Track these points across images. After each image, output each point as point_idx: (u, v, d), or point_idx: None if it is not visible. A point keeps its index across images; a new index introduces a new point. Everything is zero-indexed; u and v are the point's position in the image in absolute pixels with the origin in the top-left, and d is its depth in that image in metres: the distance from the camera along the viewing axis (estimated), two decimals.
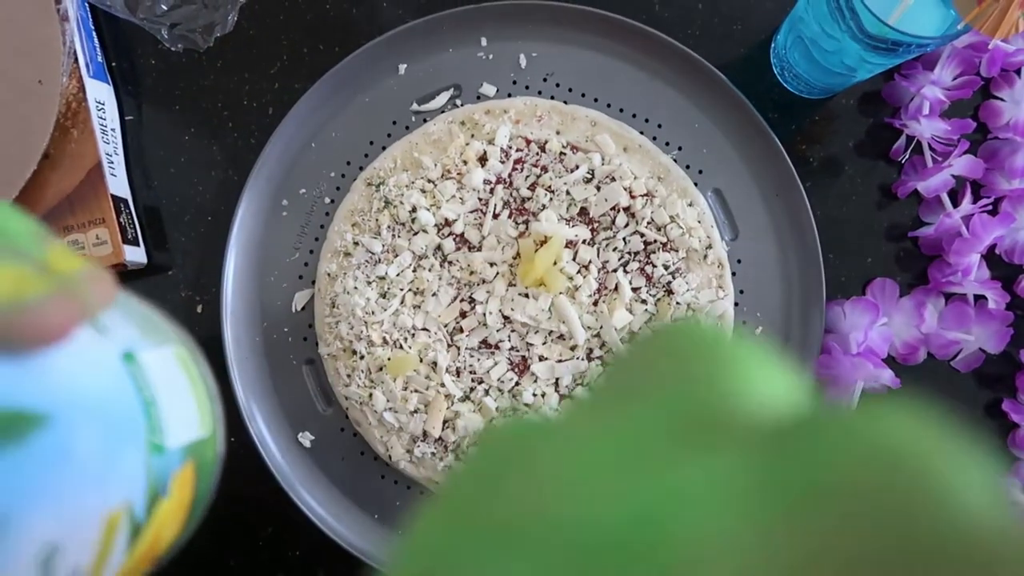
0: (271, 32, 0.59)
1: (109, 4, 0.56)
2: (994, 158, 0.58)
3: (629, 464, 0.14)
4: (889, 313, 0.57)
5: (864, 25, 0.44)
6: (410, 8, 0.59)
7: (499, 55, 0.58)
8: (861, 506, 0.12)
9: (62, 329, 0.19)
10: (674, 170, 0.57)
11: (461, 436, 0.54)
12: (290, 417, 0.57)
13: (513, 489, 0.15)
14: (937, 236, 0.57)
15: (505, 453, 0.16)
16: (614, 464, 0.14)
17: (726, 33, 0.60)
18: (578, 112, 0.57)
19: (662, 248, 0.56)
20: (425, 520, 0.16)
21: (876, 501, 0.12)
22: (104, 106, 0.56)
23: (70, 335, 0.19)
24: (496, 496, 0.15)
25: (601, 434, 0.15)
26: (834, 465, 0.13)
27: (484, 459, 0.16)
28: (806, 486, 0.13)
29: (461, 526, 0.15)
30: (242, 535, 0.58)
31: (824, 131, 0.59)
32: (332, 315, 0.56)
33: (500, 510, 0.14)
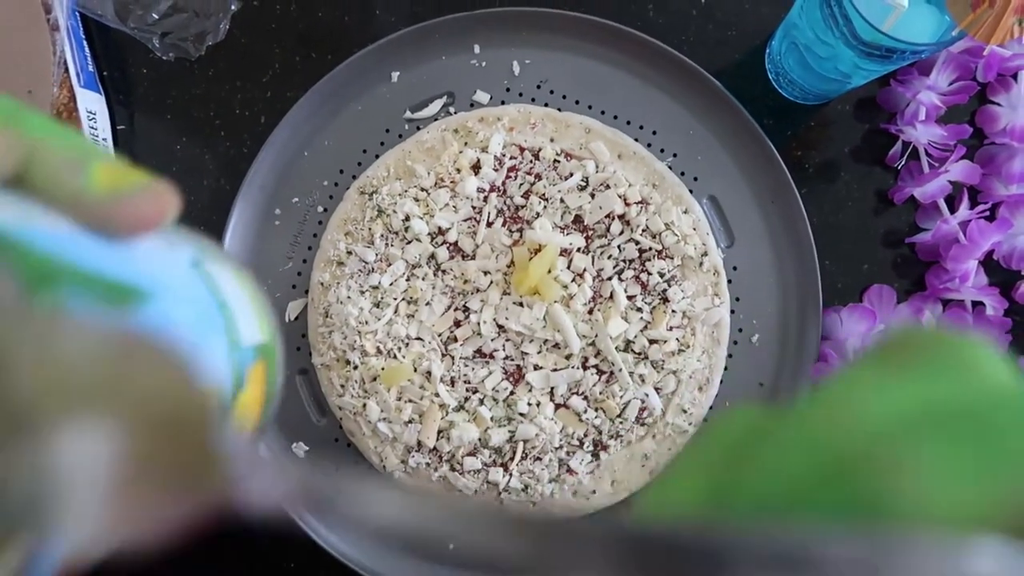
0: (263, 40, 0.59)
1: (100, 14, 0.56)
2: (991, 163, 0.57)
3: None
4: (886, 320, 0.57)
5: (858, 32, 0.44)
6: (403, 16, 0.59)
7: (492, 62, 0.57)
8: None
9: (152, 221, 0.21)
10: (669, 177, 0.56)
11: (455, 446, 0.54)
12: (284, 428, 0.56)
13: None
14: (934, 242, 0.57)
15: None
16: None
17: (721, 39, 0.59)
18: (572, 119, 0.57)
19: (657, 256, 0.55)
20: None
21: None
22: (95, 116, 0.56)
23: (156, 228, 0.21)
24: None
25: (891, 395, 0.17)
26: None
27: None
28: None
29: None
30: (237, 548, 0.58)
31: (820, 137, 0.59)
32: (325, 325, 0.55)
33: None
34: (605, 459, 0.55)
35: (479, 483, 0.54)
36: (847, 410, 0.18)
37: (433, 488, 0.55)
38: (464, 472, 0.54)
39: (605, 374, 0.54)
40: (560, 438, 0.54)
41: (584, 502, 0.55)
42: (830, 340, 0.56)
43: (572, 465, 0.54)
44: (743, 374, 0.57)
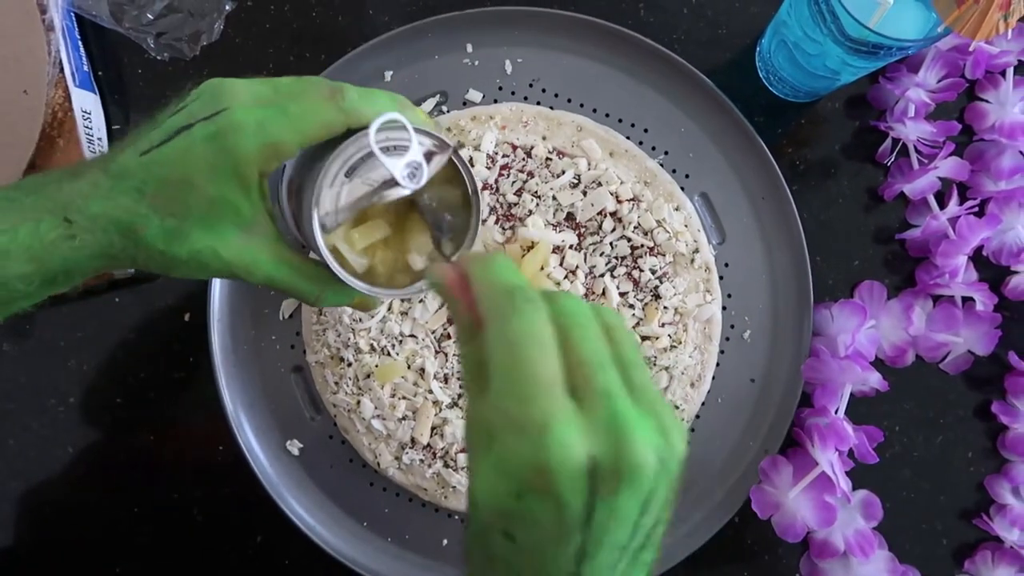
0: (257, 40, 0.59)
1: (95, 14, 0.56)
2: (980, 160, 0.58)
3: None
4: (877, 316, 0.57)
5: (845, 28, 0.44)
6: (396, 15, 0.59)
7: (485, 61, 0.58)
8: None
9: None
10: (660, 175, 0.57)
11: (449, 443, 0.54)
12: (278, 425, 0.57)
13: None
14: (924, 238, 0.57)
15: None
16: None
17: (711, 38, 0.60)
18: (564, 117, 0.57)
19: (649, 252, 0.56)
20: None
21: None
22: (90, 115, 0.56)
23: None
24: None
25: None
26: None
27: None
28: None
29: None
30: (231, 544, 0.58)
31: (810, 134, 0.59)
32: (319, 323, 0.56)
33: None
34: None
35: None
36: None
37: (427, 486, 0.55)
38: (458, 468, 0.55)
39: None
40: None
41: None
42: (821, 336, 0.57)
43: None
44: (735, 370, 0.57)
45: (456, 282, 0.30)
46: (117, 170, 0.34)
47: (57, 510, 0.58)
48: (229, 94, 0.34)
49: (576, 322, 0.28)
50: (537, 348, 0.26)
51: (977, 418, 0.58)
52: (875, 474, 0.56)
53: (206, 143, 0.33)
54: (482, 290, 0.29)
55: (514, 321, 0.27)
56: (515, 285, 0.28)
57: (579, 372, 0.26)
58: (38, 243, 0.33)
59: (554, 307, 0.28)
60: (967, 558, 0.57)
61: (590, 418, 0.26)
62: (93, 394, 0.58)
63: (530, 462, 0.25)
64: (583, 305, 0.29)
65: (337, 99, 0.34)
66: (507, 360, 0.26)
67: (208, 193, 0.34)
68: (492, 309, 0.28)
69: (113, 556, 0.58)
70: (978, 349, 0.57)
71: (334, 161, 0.35)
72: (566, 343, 0.27)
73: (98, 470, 0.58)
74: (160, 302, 0.58)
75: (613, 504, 0.26)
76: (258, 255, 0.36)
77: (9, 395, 0.58)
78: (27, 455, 0.58)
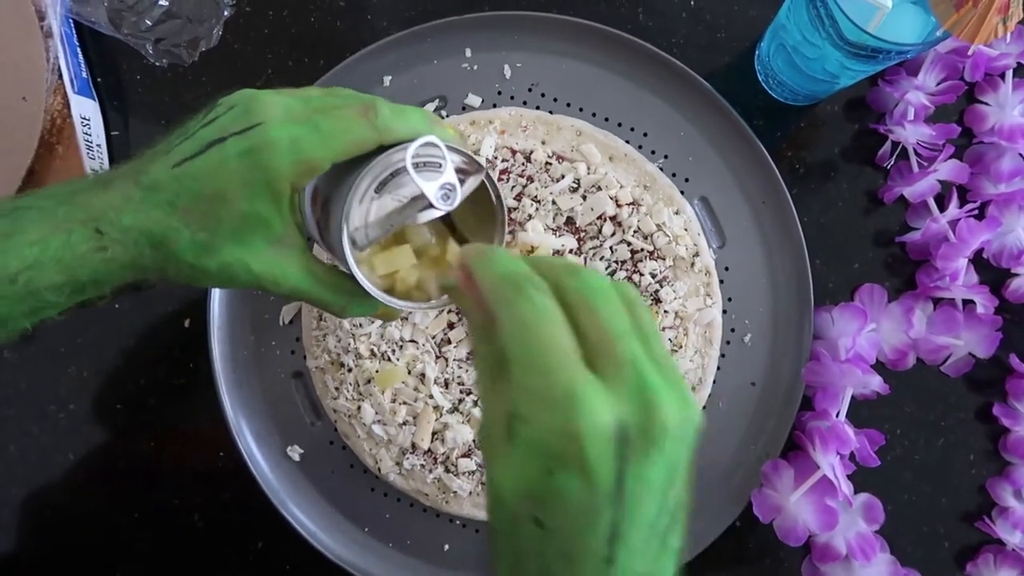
0: (256, 46, 0.59)
1: (93, 20, 0.56)
2: (980, 162, 0.58)
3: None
4: (877, 319, 0.57)
5: (844, 32, 0.44)
6: (395, 20, 0.59)
7: (484, 66, 0.58)
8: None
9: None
10: (660, 178, 0.57)
11: (450, 448, 0.54)
12: (279, 431, 0.57)
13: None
14: (924, 241, 0.57)
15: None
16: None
17: (710, 42, 0.60)
18: (563, 122, 0.57)
19: (649, 257, 0.56)
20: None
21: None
22: (89, 122, 0.56)
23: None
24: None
25: None
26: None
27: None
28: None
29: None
30: (233, 550, 0.58)
31: (810, 137, 0.59)
32: (320, 328, 0.56)
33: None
34: None
35: (474, 484, 0.55)
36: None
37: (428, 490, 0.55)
38: (459, 473, 0.55)
39: None
40: None
41: None
42: (822, 339, 0.57)
43: None
44: (735, 374, 0.57)
45: (463, 280, 0.30)
46: (149, 182, 0.34)
47: (58, 516, 0.58)
48: (262, 108, 0.34)
49: (599, 295, 0.28)
50: (549, 323, 0.27)
51: (978, 421, 0.58)
52: (876, 477, 0.56)
53: (239, 159, 0.33)
54: (485, 283, 0.29)
55: (522, 303, 0.27)
56: (515, 271, 0.29)
57: (601, 342, 0.27)
58: (69, 254, 0.33)
59: (576, 281, 0.28)
60: (969, 561, 0.57)
61: (615, 385, 0.26)
62: (93, 400, 0.58)
63: (560, 431, 0.25)
64: (605, 280, 0.29)
65: (370, 116, 0.35)
66: (522, 340, 0.27)
67: (240, 208, 0.34)
68: (498, 298, 0.28)
69: (114, 562, 0.58)
70: (979, 352, 0.57)
71: (364, 178, 0.35)
72: (589, 315, 0.27)
73: (99, 476, 0.58)
74: (160, 308, 0.58)
75: (642, 471, 0.26)
76: (287, 268, 0.37)
77: (10, 401, 0.58)
78: (28, 461, 0.58)
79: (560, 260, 0.30)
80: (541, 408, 0.26)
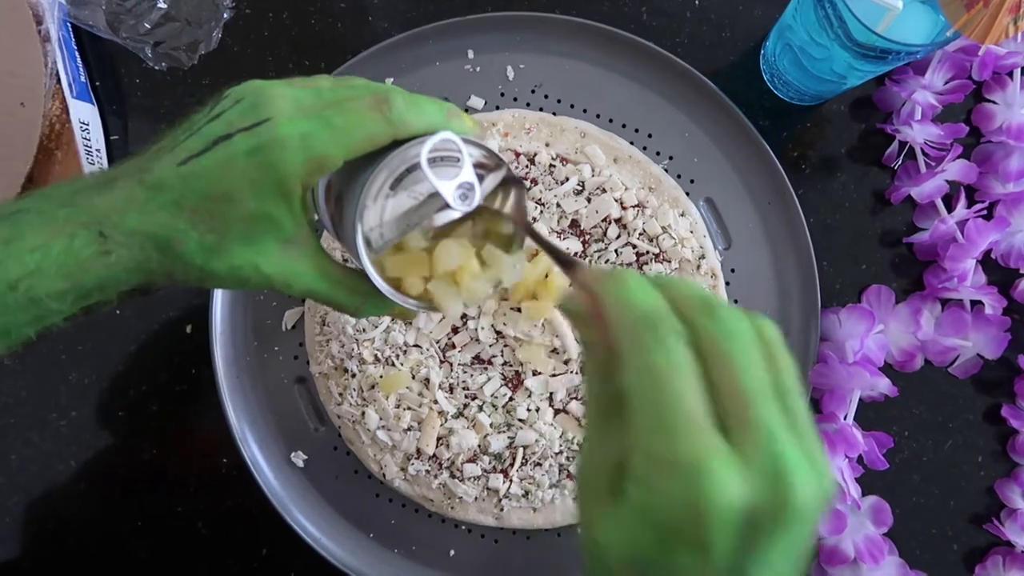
0: (256, 48, 0.59)
1: (91, 24, 0.55)
2: (987, 162, 0.57)
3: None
4: (885, 320, 0.57)
5: (852, 33, 0.44)
6: (396, 22, 0.59)
7: (486, 67, 0.57)
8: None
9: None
10: (665, 180, 0.56)
11: (455, 453, 0.54)
12: (282, 437, 0.56)
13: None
14: (932, 242, 0.56)
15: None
16: None
17: (715, 41, 0.59)
18: (567, 123, 0.56)
19: (655, 259, 0.55)
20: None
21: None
22: (88, 126, 0.56)
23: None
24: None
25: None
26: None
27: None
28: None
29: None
30: (237, 557, 0.57)
31: (816, 137, 0.59)
32: (323, 333, 0.55)
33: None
34: None
35: (479, 489, 0.54)
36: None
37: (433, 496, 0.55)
38: (464, 479, 0.54)
39: None
40: (560, 443, 0.54)
41: None
42: (829, 341, 0.56)
43: (572, 470, 0.54)
44: None
45: (591, 308, 0.27)
46: (153, 182, 0.33)
47: (60, 524, 0.58)
48: (271, 102, 0.32)
49: (737, 345, 0.25)
50: (682, 378, 0.24)
51: (987, 422, 0.58)
52: (884, 480, 0.56)
53: (248, 157, 0.32)
54: (618, 317, 0.26)
55: (656, 350, 0.25)
56: (655, 310, 0.26)
57: (735, 403, 0.24)
58: (72, 260, 0.32)
59: (714, 324, 0.26)
60: (978, 563, 0.57)
61: (746, 455, 0.24)
62: (95, 407, 0.57)
63: (682, 503, 0.23)
64: (744, 323, 0.26)
65: (384, 110, 0.33)
66: (651, 394, 0.24)
67: (249, 208, 0.33)
68: (630, 338, 0.26)
69: (117, 570, 0.57)
70: (987, 353, 0.56)
71: (378, 175, 0.33)
72: (724, 368, 0.25)
73: (101, 484, 0.58)
74: (161, 314, 0.58)
75: (766, 556, 0.24)
76: (298, 268, 0.35)
77: (11, 409, 0.57)
78: (29, 469, 0.57)
79: (696, 292, 0.27)
80: (663, 473, 0.24)
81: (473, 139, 0.35)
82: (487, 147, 0.35)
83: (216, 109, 0.33)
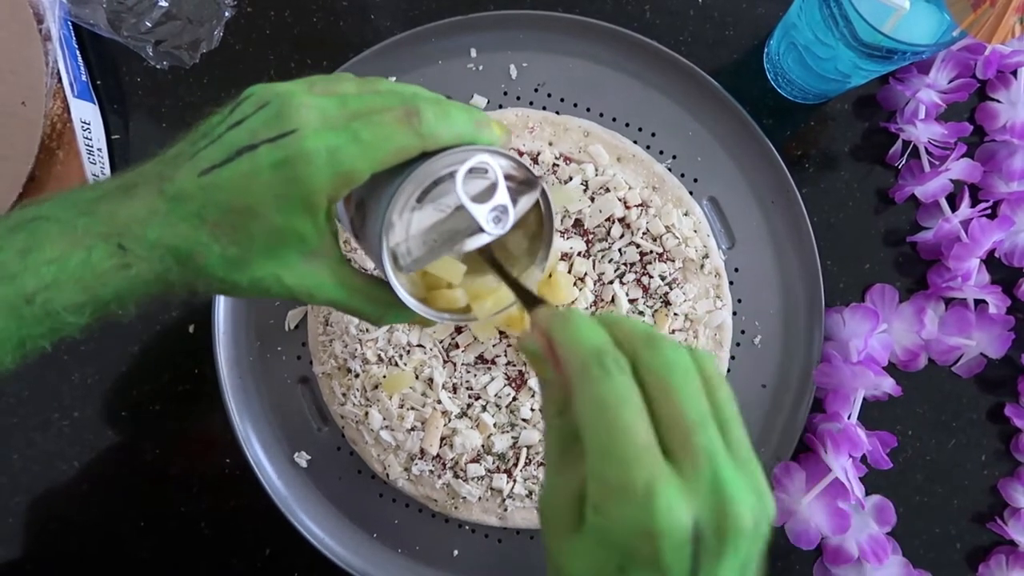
0: (258, 47, 0.58)
1: (92, 23, 0.55)
2: (991, 161, 0.57)
3: None
4: (889, 319, 0.57)
5: (858, 33, 0.44)
6: (398, 20, 0.58)
7: (489, 66, 0.57)
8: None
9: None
10: (669, 179, 0.56)
11: (459, 453, 0.54)
12: (286, 437, 0.56)
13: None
14: (936, 241, 0.56)
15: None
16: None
17: (718, 39, 0.59)
18: (570, 122, 0.56)
19: (658, 259, 0.55)
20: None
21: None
22: (90, 126, 0.55)
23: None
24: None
25: None
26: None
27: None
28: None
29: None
30: (240, 557, 0.57)
31: (819, 136, 0.59)
32: (326, 333, 0.55)
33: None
34: None
35: (483, 489, 0.54)
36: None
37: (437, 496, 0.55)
38: (468, 479, 0.54)
39: None
40: None
41: None
42: (833, 340, 0.56)
43: None
44: (746, 376, 0.56)
45: (545, 347, 0.29)
46: (175, 192, 0.32)
47: (62, 525, 0.58)
48: (295, 112, 0.31)
49: (677, 376, 0.27)
50: (630, 409, 0.26)
51: (990, 421, 0.58)
52: (888, 479, 0.56)
53: (273, 171, 0.31)
54: (567, 353, 0.28)
55: (603, 383, 0.26)
56: (601, 346, 0.27)
57: (676, 430, 0.26)
58: (90, 273, 0.31)
59: (656, 357, 0.27)
60: (981, 562, 0.57)
61: (690, 479, 0.25)
62: (98, 408, 0.57)
63: (636, 528, 0.25)
64: (683, 355, 0.28)
65: (414, 123, 0.32)
66: (602, 424, 0.26)
67: (274, 223, 0.32)
68: (579, 373, 0.27)
69: (119, 571, 0.57)
70: (991, 352, 0.56)
71: (404, 189, 0.32)
72: (667, 398, 0.26)
73: (103, 484, 0.58)
74: (164, 314, 0.57)
75: (715, 572, 0.26)
76: (322, 280, 0.35)
77: (13, 409, 0.57)
78: (31, 470, 0.57)
79: (639, 327, 0.29)
80: (618, 501, 0.25)
81: (503, 151, 0.34)
82: (516, 159, 0.34)
83: (236, 114, 0.32)
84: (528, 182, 0.34)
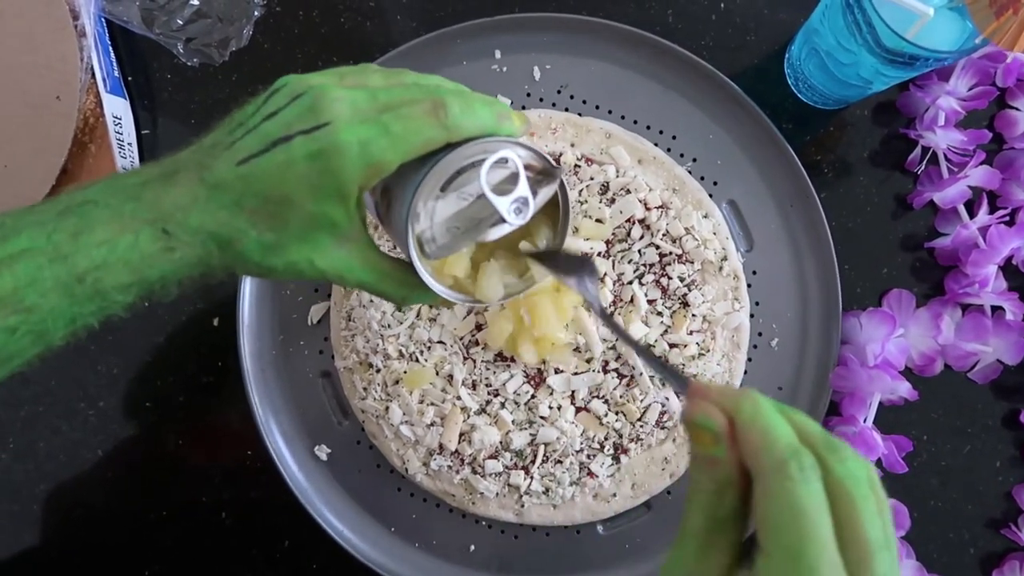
0: (286, 46, 0.59)
1: (126, 19, 0.56)
2: (1010, 168, 0.57)
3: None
4: (906, 324, 0.57)
5: (881, 39, 0.44)
6: (424, 22, 0.59)
7: (513, 68, 0.58)
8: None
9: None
10: (689, 182, 0.57)
11: (477, 449, 0.54)
12: (307, 430, 0.57)
13: None
14: (954, 247, 0.57)
15: None
16: None
17: (740, 44, 0.60)
18: (592, 124, 0.57)
19: (677, 260, 0.55)
20: None
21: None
22: (121, 121, 0.56)
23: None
24: None
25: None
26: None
27: None
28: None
29: None
30: (259, 548, 0.58)
31: (838, 141, 0.59)
32: (348, 328, 0.56)
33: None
34: (625, 462, 0.55)
35: (500, 486, 0.55)
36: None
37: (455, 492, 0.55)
38: (486, 475, 0.55)
39: (626, 378, 0.55)
40: (581, 441, 0.55)
41: (605, 505, 0.55)
42: (850, 344, 0.57)
43: (593, 468, 0.55)
44: (763, 378, 0.57)
45: (725, 425, 0.28)
46: (214, 181, 0.34)
47: (86, 513, 0.59)
48: (329, 105, 0.33)
49: (861, 489, 0.26)
50: (827, 524, 0.25)
51: (1005, 427, 0.58)
52: (903, 483, 0.56)
53: (308, 162, 0.33)
54: (762, 443, 0.27)
55: (803, 488, 0.25)
56: (796, 445, 0.27)
57: (857, 549, 0.25)
58: (137, 255, 0.33)
59: (841, 466, 0.26)
60: (995, 568, 0.57)
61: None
62: (123, 398, 0.58)
63: None
64: (863, 466, 0.27)
65: (440, 115, 0.34)
66: (795, 529, 0.25)
67: (308, 210, 0.34)
68: (775, 469, 0.26)
69: (141, 559, 0.58)
70: (1007, 358, 0.57)
71: (429, 179, 0.34)
72: (851, 514, 0.26)
73: (127, 473, 0.58)
74: (189, 307, 0.58)
75: None
76: (351, 263, 0.37)
77: (39, 399, 0.58)
78: (57, 458, 0.58)
79: (813, 424, 0.28)
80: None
81: (523, 142, 0.35)
82: (536, 148, 0.36)
83: (270, 104, 0.34)
84: (547, 172, 0.36)
